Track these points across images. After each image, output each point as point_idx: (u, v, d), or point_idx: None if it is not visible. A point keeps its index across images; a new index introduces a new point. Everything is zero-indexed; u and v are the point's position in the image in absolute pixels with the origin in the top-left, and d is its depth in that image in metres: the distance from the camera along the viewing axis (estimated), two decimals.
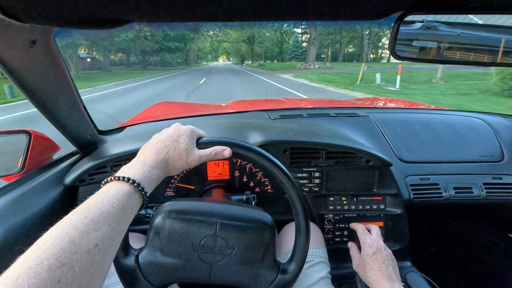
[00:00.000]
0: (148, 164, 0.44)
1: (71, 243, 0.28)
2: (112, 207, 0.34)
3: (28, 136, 0.75)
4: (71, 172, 0.80)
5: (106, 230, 0.32)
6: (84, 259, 0.28)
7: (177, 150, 0.48)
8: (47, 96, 0.60)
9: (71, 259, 0.27)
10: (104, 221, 0.32)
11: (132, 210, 0.38)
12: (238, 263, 0.52)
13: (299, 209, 0.54)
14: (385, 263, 0.66)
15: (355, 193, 0.95)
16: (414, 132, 1.08)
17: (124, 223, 0.36)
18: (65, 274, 0.26)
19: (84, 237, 0.29)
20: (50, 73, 0.57)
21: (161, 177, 0.46)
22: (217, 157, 0.52)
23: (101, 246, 0.30)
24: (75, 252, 0.28)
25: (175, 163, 0.48)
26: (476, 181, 0.97)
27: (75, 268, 0.27)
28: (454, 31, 0.56)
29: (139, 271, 0.51)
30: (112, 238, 0.33)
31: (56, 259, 0.26)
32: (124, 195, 0.37)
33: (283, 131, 0.94)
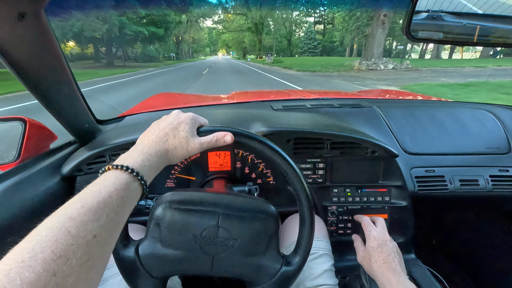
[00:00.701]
0: (147, 152, 0.42)
1: (67, 235, 0.26)
2: (110, 197, 0.33)
3: (23, 124, 0.73)
4: (69, 161, 0.77)
5: (104, 220, 0.30)
6: (81, 251, 0.27)
7: (177, 138, 0.46)
8: (40, 79, 0.57)
9: (67, 251, 0.26)
10: (102, 211, 0.31)
11: (131, 200, 0.37)
12: (240, 255, 0.50)
13: (304, 200, 0.53)
14: (391, 256, 0.65)
15: (360, 185, 0.93)
16: (419, 123, 1.06)
17: (123, 213, 0.35)
18: (61, 267, 0.25)
19: (81, 228, 0.28)
20: (43, 53, 0.54)
21: (161, 166, 0.45)
22: (218, 143, 0.50)
23: (99, 237, 0.29)
24: (72, 244, 0.26)
25: (175, 152, 0.46)
26: (482, 173, 0.95)
27: (71, 260, 0.26)
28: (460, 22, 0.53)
29: (139, 263, 0.50)
30: (110, 229, 0.31)
31: (51, 251, 0.25)
32: (122, 184, 0.35)
33: (287, 121, 0.92)
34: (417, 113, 1.11)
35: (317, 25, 61.11)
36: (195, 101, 1.50)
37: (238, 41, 69.37)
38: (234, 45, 74.60)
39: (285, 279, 0.53)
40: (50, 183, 0.72)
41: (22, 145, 0.71)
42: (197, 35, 78.73)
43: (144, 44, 34.75)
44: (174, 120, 0.49)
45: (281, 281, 0.53)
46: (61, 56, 0.59)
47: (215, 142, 0.50)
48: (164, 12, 33.78)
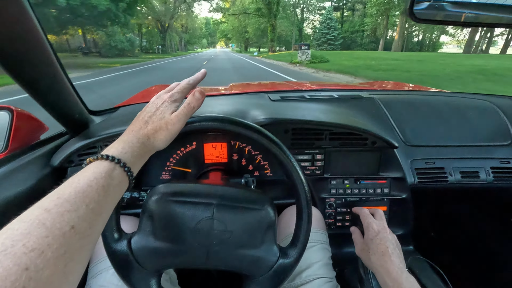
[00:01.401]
0: (128, 140, 0.41)
1: (41, 227, 0.25)
2: (89, 186, 0.31)
3: (10, 114, 0.70)
4: (59, 152, 0.75)
5: (83, 211, 0.29)
6: (57, 244, 0.25)
7: (155, 122, 0.45)
8: (21, 62, 0.54)
9: (41, 243, 0.24)
10: (81, 201, 0.29)
11: (115, 189, 0.35)
12: (236, 247, 0.49)
13: (301, 190, 0.51)
14: (390, 248, 0.64)
15: (358, 177, 0.91)
16: (419, 114, 1.04)
17: (105, 203, 0.33)
18: (34, 261, 0.23)
19: (57, 220, 0.26)
20: (21, 33, 0.51)
21: (146, 153, 0.43)
22: (192, 106, 0.48)
23: (77, 228, 0.27)
24: (46, 236, 0.25)
25: (157, 135, 0.45)
26: (483, 165, 0.94)
27: (46, 253, 0.24)
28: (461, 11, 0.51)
29: (132, 257, 0.49)
30: (90, 220, 0.29)
31: (22, 245, 0.23)
32: (102, 172, 0.34)
33: (284, 111, 0.90)
34: (418, 104, 1.09)
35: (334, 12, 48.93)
36: None
37: (239, 31, 58.59)
38: (234, 36, 63.72)
39: (282, 271, 0.52)
40: (40, 174, 0.70)
41: (10, 135, 0.69)
42: (190, 23, 65.97)
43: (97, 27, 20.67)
44: (152, 107, 0.48)
45: (278, 273, 0.52)
46: (43, 39, 0.56)
47: (189, 107, 0.48)
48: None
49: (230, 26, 61.00)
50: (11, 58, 0.52)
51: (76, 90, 0.76)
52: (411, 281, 0.58)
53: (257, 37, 53.73)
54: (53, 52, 0.60)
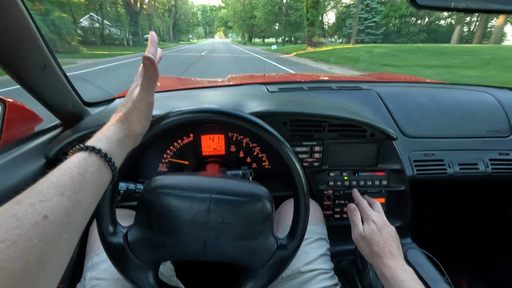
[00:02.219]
0: (104, 129, 0.41)
1: (12, 218, 0.25)
2: (63, 175, 0.31)
3: (2, 105, 0.68)
4: (53, 144, 0.74)
5: (58, 199, 0.29)
6: (30, 233, 0.25)
7: (126, 106, 0.45)
8: (10, 53, 0.53)
9: (11, 234, 0.24)
10: (55, 190, 0.29)
11: (93, 175, 0.34)
12: (233, 239, 0.49)
13: (298, 182, 0.51)
14: (389, 240, 0.64)
15: (357, 169, 0.91)
16: (419, 106, 1.03)
17: (84, 191, 0.32)
18: (5, 251, 0.23)
19: (29, 210, 0.26)
20: (9, 21, 0.50)
21: (123, 137, 0.42)
22: (148, 73, 0.46)
23: (52, 217, 0.27)
24: (17, 227, 0.25)
25: (129, 117, 0.44)
26: (482, 156, 0.93)
27: (18, 243, 0.24)
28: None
29: (128, 249, 0.49)
30: (66, 209, 0.29)
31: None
32: (77, 161, 0.34)
33: (282, 103, 0.89)
34: (417, 95, 1.08)
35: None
36: (190, 84, 1.46)
37: (242, 17, 46.50)
38: (236, 23, 50.35)
39: (280, 263, 0.52)
40: (34, 166, 0.69)
41: (2, 127, 0.68)
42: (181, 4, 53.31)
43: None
44: (126, 96, 0.47)
45: (275, 264, 0.52)
46: (32, 27, 0.54)
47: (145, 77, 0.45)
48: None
49: (231, 11, 49.13)
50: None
51: (70, 81, 0.75)
52: (408, 272, 0.58)
53: (268, 22, 38.10)
54: (44, 41, 0.59)
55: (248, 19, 46.26)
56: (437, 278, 0.77)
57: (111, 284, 0.58)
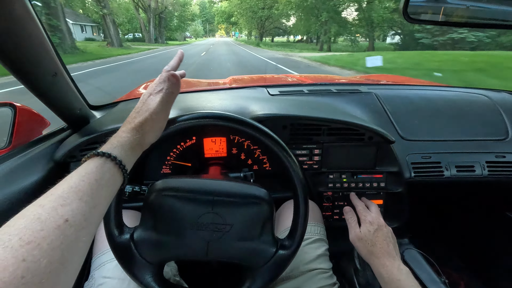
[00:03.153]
0: (118, 135, 0.43)
1: (36, 221, 0.27)
2: (81, 181, 0.33)
3: (12, 110, 0.71)
4: (61, 147, 0.76)
5: (77, 204, 0.31)
6: (52, 236, 0.27)
7: (141, 113, 0.47)
8: (24, 62, 0.55)
9: (36, 236, 0.26)
10: (74, 195, 0.31)
11: (109, 182, 0.37)
12: (235, 240, 0.51)
13: (298, 184, 0.53)
14: (386, 241, 0.66)
15: (355, 171, 0.93)
16: (417, 109, 1.05)
17: (99, 196, 0.34)
18: (31, 252, 0.25)
19: (52, 214, 0.28)
20: (25, 34, 0.52)
21: (138, 146, 0.44)
22: (170, 89, 0.50)
23: (72, 221, 0.29)
24: (41, 229, 0.27)
25: (144, 127, 0.46)
26: (479, 159, 0.95)
27: (42, 245, 0.26)
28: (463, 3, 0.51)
29: (134, 249, 0.51)
30: (85, 213, 0.31)
31: (19, 238, 0.25)
32: (94, 167, 0.36)
33: (283, 107, 0.91)
34: (415, 98, 1.09)
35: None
36: (192, 85, 1.48)
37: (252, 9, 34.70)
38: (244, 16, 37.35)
39: (280, 263, 0.54)
40: (43, 169, 0.71)
41: (13, 131, 0.70)
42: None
43: None
44: (140, 102, 0.50)
45: (276, 264, 0.54)
46: (45, 39, 0.57)
47: (167, 93, 0.49)
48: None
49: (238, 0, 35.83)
50: (13, 55, 0.53)
51: (76, 85, 0.77)
52: (404, 271, 0.60)
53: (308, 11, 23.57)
54: (54, 49, 0.61)
55: (261, 10, 33.68)
56: (434, 278, 0.79)
57: (118, 282, 0.60)
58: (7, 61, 0.52)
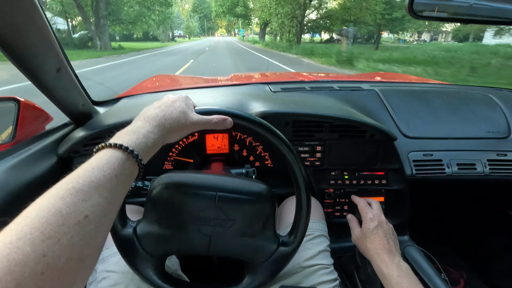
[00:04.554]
0: (143, 130, 0.41)
1: (57, 215, 0.26)
2: (103, 176, 0.32)
3: (16, 104, 0.71)
4: (65, 142, 0.77)
5: (97, 200, 0.30)
6: (72, 232, 0.26)
7: (174, 113, 0.45)
8: (29, 56, 0.55)
9: (57, 231, 0.25)
10: (94, 190, 0.30)
11: (127, 179, 0.36)
12: (237, 235, 0.51)
13: (301, 182, 0.53)
14: (386, 237, 0.66)
15: (357, 168, 0.93)
16: (419, 106, 1.05)
17: (118, 192, 0.34)
18: (51, 248, 0.24)
19: (72, 208, 0.27)
20: (31, 29, 0.52)
21: (158, 144, 0.43)
22: (217, 126, 0.49)
23: (91, 217, 0.28)
24: (62, 224, 0.26)
25: (173, 126, 0.44)
26: (481, 157, 0.95)
27: (62, 241, 0.25)
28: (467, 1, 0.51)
29: (137, 243, 0.51)
30: (104, 209, 0.30)
31: (40, 232, 0.24)
32: (116, 162, 0.34)
33: (285, 103, 0.91)
34: (417, 96, 1.09)
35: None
36: (194, 82, 1.48)
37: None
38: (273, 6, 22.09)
39: (281, 259, 0.54)
40: (46, 164, 0.72)
41: (17, 125, 0.71)
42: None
43: None
44: (168, 100, 0.47)
45: (277, 260, 0.54)
46: (50, 33, 0.57)
47: (213, 125, 0.49)
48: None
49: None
50: (19, 51, 0.53)
51: (80, 81, 0.77)
52: (404, 268, 0.60)
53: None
54: (59, 44, 0.61)
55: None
56: (434, 275, 0.79)
57: (121, 276, 0.61)
58: (13, 55, 0.52)
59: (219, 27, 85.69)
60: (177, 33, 75.83)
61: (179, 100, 0.47)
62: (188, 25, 78.52)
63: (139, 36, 38.67)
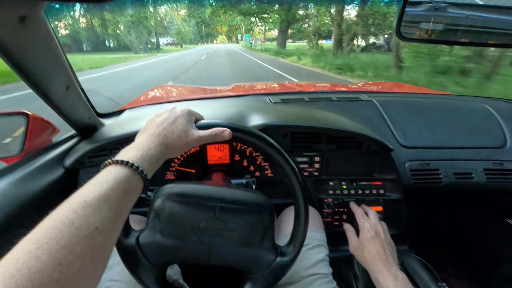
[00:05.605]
0: (146, 147, 0.44)
1: (71, 226, 0.28)
2: (112, 190, 0.35)
3: (26, 118, 0.74)
4: (71, 154, 0.79)
5: (106, 213, 0.32)
6: (84, 242, 0.29)
7: (175, 132, 0.48)
8: (41, 77, 0.58)
9: (71, 241, 0.28)
10: (104, 204, 0.33)
11: (133, 192, 0.38)
12: (237, 245, 0.53)
13: (298, 193, 0.55)
14: (383, 247, 0.67)
15: (355, 178, 0.95)
16: (416, 117, 1.07)
17: (125, 205, 0.36)
18: (66, 257, 0.27)
19: (84, 220, 0.30)
20: (44, 53, 0.56)
21: (161, 160, 0.46)
22: (216, 139, 0.52)
23: (101, 229, 0.31)
24: (75, 235, 0.28)
25: (174, 145, 0.47)
26: (477, 166, 0.96)
27: (76, 250, 0.28)
28: (463, 13, 0.53)
29: (140, 252, 0.53)
30: (112, 221, 0.33)
31: (56, 242, 0.27)
32: (123, 178, 0.37)
33: (284, 115, 0.93)
34: (415, 106, 1.12)
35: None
36: (195, 93, 1.51)
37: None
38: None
39: (280, 269, 0.55)
40: (53, 175, 0.74)
41: (25, 138, 0.73)
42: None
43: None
44: (170, 115, 0.50)
45: (276, 270, 0.55)
46: (61, 54, 0.60)
47: (213, 137, 0.51)
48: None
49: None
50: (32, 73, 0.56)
51: (86, 95, 0.81)
52: (401, 278, 0.61)
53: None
54: (68, 63, 0.64)
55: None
56: (432, 285, 0.80)
57: (125, 285, 0.62)
58: (26, 76, 0.55)
59: (219, 33, 75.13)
60: (168, 41, 65.38)
61: (181, 116, 0.50)
62: (179, 29, 65.14)
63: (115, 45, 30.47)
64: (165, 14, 57.35)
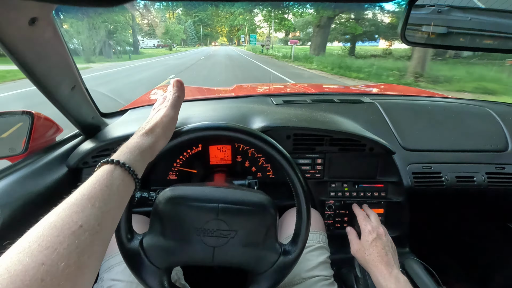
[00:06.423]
0: (128, 144, 0.45)
1: (53, 228, 0.29)
2: (93, 188, 0.35)
3: (30, 117, 0.75)
4: (74, 154, 0.80)
5: (90, 210, 0.33)
6: (68, 241, 0.29)
7: (153, 121, 0.50)
8: (48, 77, 0.59)
9: (54, 242, 0.28)
10: (87, 201, 0.33)
11: (119, 187, 0.38)
12: (240, 246, 0.53)
13: (300, 193, 0.55)
14: (385, 250, 0.67)
15: (357, 180, 0.95)
16: (418, 119, 1.07)
17: (112, 201, 0.36)
18: (49, 257, 0.27)
19: (67, 220, 0.30)
20: (51, 53, 0.56)
21: (146, 150, 0.46)
22: (176, 94, 0.56)
23: (86, 226, 0.31)
24: (58, 235, 0.29)
25: (154, 130, 0.49)
26: (479, 170, 0.96)
27: (59, 249, 0.28)
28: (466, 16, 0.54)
29: (143, 255, 0.53)
30: (97, 218, 0.33)
31: (38, 245, 0.27)
32: (104, 174, 0.38)
33: (287, 117, 0.94)
34: (417, 109, 1.12)
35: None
36: (197, 94, 1.52)
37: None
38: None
39: (283, 268, 0.56)
40: (57, 174, 0.75)
41: (30, 137, 0.74)
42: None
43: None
44: (152, 113, 0.55)
45: (279, 269, 0.56)
46: (68, 55, 0.61)
47: (173, 98, 0.55)
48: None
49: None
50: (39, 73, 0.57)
51: (90, 95, 0.81)
52: (402, 281, 0.62)
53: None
54: (74, 63, 0.65)
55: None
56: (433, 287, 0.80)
57: (126, 285, 0.63)
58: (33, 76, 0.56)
59: (220, 34, 67.19)
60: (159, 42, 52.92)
61: (159, 109, 0.54)
62: (167, 28, 51.91)
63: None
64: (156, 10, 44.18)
